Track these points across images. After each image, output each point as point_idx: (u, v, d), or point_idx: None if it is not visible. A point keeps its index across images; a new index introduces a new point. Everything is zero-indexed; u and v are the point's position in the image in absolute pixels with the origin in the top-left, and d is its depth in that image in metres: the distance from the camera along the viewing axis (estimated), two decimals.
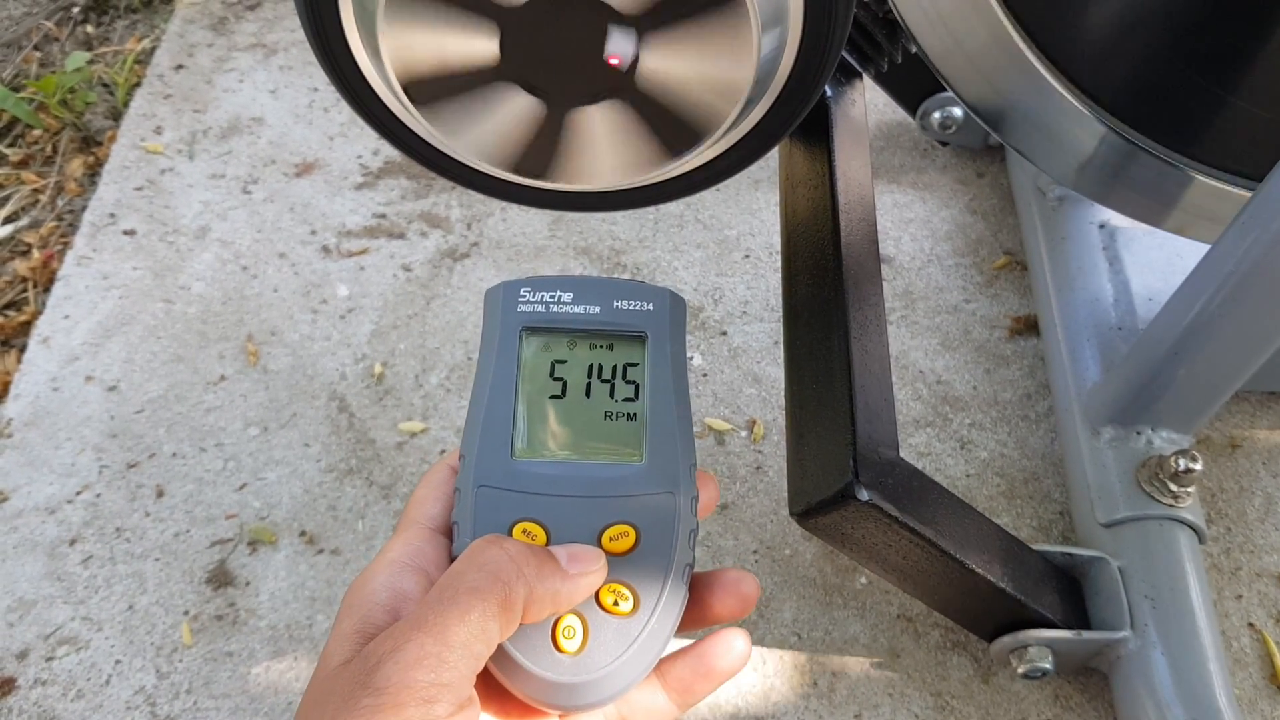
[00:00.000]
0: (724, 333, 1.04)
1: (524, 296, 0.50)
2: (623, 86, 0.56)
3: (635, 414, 0.48)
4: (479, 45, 0.57)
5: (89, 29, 1.43)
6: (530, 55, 0.57)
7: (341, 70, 0.61)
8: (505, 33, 0.56)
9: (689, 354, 1.02)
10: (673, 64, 0.55)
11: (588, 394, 0.48)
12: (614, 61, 0.56)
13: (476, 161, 0.62)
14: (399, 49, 0.57)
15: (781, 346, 0.92)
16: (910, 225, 1.13)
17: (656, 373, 0.48)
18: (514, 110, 0.59)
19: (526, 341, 0.49)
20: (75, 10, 1.45)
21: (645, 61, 0.55)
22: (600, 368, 0.49)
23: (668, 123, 0.58)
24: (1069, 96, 0.78)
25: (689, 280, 1.09)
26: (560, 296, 0.50)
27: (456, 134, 0.61)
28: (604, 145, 0.60)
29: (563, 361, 0.49)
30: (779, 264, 1.00)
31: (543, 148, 0.61)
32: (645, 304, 0.50)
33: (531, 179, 0.64)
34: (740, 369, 1.01)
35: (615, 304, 0.50)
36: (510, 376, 0.47)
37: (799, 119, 0.65)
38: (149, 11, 1.45)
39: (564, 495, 0.45)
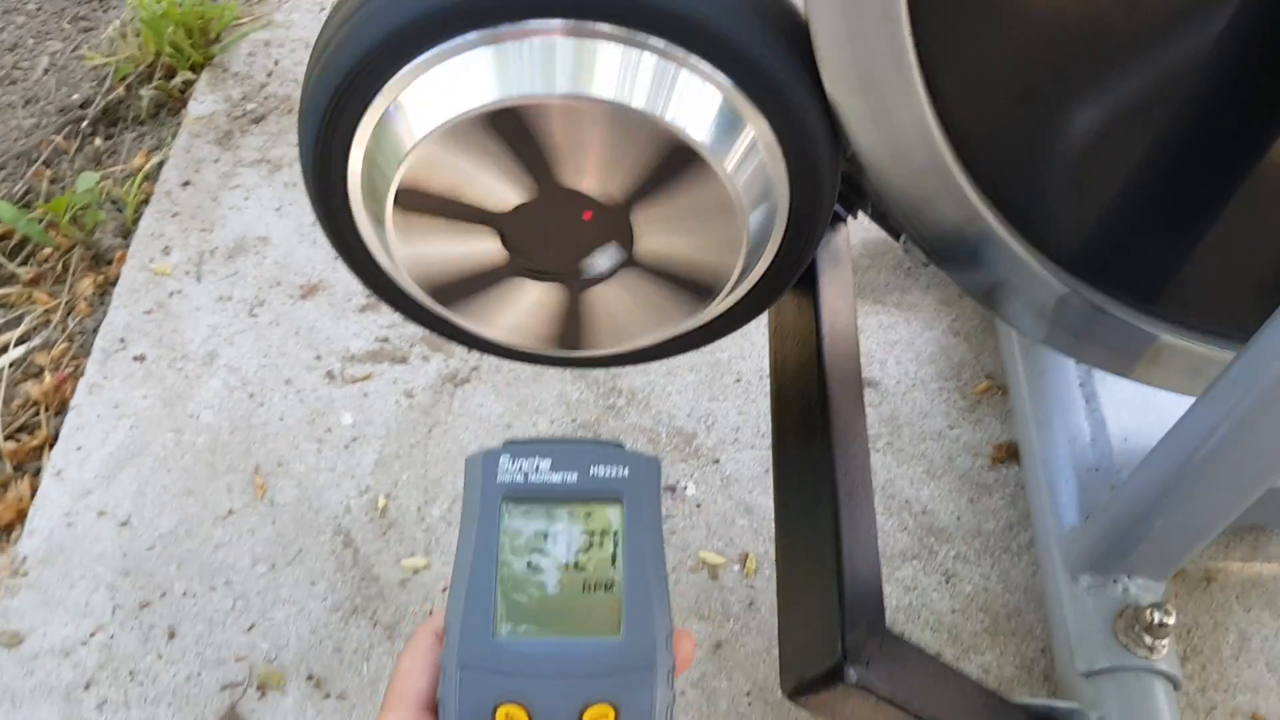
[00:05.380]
0: (716, 460, 1.07)
1: (503, 465, 0.53)
2: (628, 262, 0.61)
3: (612, 583, 0.51)
4: (485, 248, 0.61)
5: (97, 141, 1.47)
6: (534, 249, 0.61)
7: (371, 275, 0.66)
8: (505, 234, 0.60)
9: (683, 483, 1.06)
10: (664, 237, 0.60)
11: (566, 565, 0.51)
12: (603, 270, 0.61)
13: (512, 344, 0.67)
14: (416, 264, 0.62)
15: (771, 475, 0.95)
16: (895, 348, 1.17)
17: (632, 539, 0.51)
18: (536, 297, 0.64)
19: (506, 511, 0.52)
20: (84, 124, 1.49)
21: (639, 242, 0.60)
22: (578, 536, 0.52)
23: (681, 277, 0.62)
24: (1035, 262, 0.82)
25: (682, 405, 1.12)
26: (538, 465, 0.53)
27: (489, 324, 0.66)
28: (630, 310, 0.65)
29: (542, 531, 0.52)
30: (769, 389, 1.04)
31: (572, 323, 0.66)
32: (621, 469, 0.53)
33: (568, 352, 0.68)
34: (732, 498, 1.04)
35: (592, 470, 0.53)
36: (491, 548, 0.50)
37: (790, 284, 0.69)
38: (156, 123, 1.49)
39: (545, 676, 0.48)
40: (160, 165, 1.41)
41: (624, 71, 0.58)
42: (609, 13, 0.58)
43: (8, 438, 1.15)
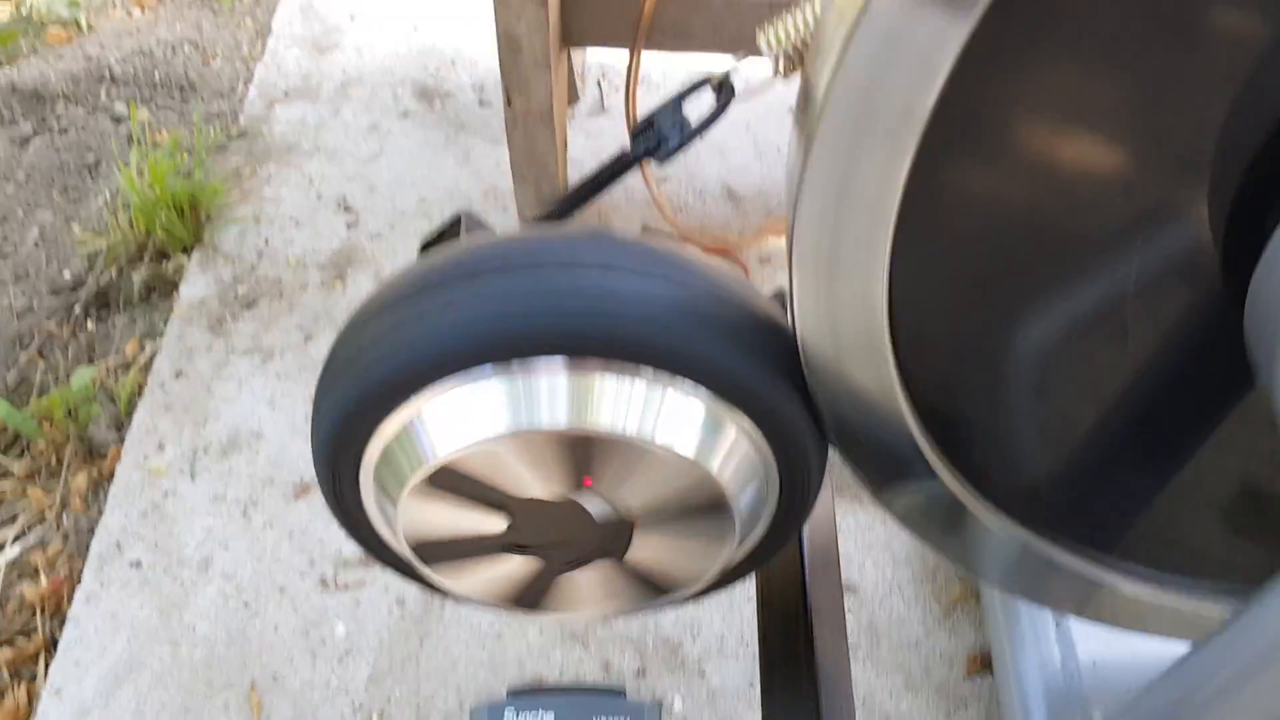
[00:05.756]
0: (702, 673, 1.11)
1: (508, 719, 0.56)
2: (611, 556, 0.65)
3: None
4: (489, 524, 0.66)
5: (90, 326, 1.51)
6: (531, 532, 0.66)
7: (363, 536, 0.71)
8: (512, 517, 0.65)
9: (670, 696, 1.09)
10: (657, 552, 0.64)
11: None
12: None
13: (474, 600, 0.72)
14: (414, 524, 0.66)
15: (758, 693, 0.99)
16: (872, 550, 1.21)
17: None
18: (513, 567, 0.68)
19: None
20: (76, 307, 1.52)
21: (633, 552, 0.64)
22: None
23: (654, 580, 0.67)
24: (982, 515, 0.86)
25: (667, 612, 1.16)
26: (542, 718, 0.56)
27: (457, 580, 0.70)
28: (594, 591, 0.69)
29: None
30: (752, 593, 1.08)
31: (537, 591, 0.71)
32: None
33: (524, 611, 0.73)
34: (719, 714, 1.08)
35: None
36: None
37: (782, 547, 0.74)
38: (147, 306, 1.53)
39: None
40: (152, 356, 1.44)
41: (617, 402, 0.64)
42: (602, 350, 0.64)
43: (4, 643, 1.17)
